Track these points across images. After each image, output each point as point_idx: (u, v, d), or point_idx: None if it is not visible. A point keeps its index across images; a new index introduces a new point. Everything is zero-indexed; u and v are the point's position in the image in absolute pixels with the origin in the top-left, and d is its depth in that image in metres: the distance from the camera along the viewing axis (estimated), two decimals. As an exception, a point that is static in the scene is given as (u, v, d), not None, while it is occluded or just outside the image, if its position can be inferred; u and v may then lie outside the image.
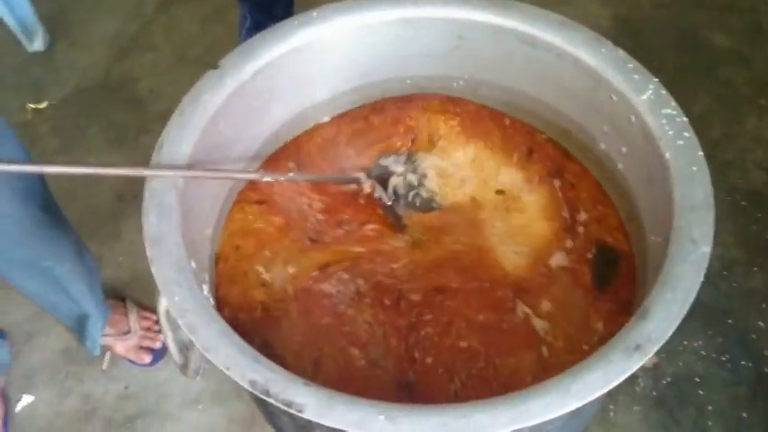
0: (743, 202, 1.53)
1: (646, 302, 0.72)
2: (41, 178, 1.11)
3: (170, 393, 1.38)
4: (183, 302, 0.74)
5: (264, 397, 0.68)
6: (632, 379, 1.31)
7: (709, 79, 1.74)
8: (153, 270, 0.77)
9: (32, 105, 1.82)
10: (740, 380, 1.31)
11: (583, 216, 0.97)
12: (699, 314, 1.38)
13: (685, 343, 1.34)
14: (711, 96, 1.69)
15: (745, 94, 1.72)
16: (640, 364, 0.68)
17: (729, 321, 1.38)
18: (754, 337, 1.36)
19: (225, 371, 0.70)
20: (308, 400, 0.67)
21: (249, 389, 0.68)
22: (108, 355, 1.42)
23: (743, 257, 1.45)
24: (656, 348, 0.68)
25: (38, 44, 1.94)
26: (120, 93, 1.85)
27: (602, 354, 0.69)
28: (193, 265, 0.80)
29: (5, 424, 1.32)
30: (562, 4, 1.87)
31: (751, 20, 1.87)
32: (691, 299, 0.71)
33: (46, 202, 1.11)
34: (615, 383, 0.67)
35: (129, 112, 1.81)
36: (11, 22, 1.88)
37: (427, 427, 0.65)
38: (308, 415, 0.66)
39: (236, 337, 0.73)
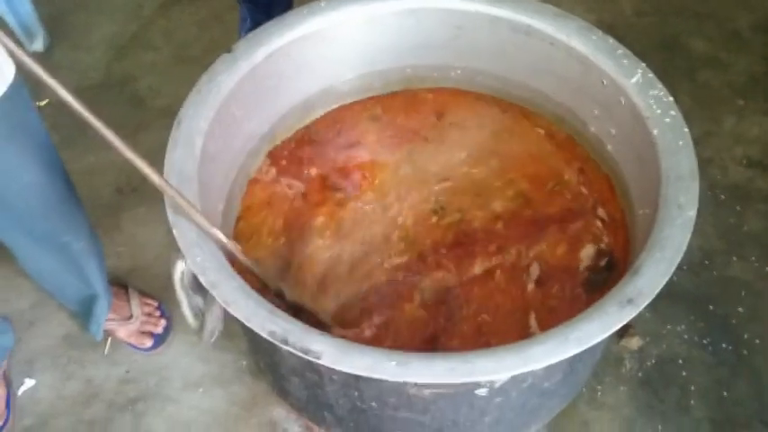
0: (722, 196, 1.60)
1: (637, 261, 0.77)
2: (59, 156, 1.15)
3: (171, 377, 1.41)
4: (205, 261, 0.78)
5: (283, 345, 0.72)
6: (619, 361, 1.37)
7: (689, 82, 1.82)
8: (175, 233, 0.81)
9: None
10: (721, 361, 1.37)
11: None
12: (681, 300, 1.44)
13: (669, 327, 1.40)
14: (692, 98, 1.77)
15: (724, 95, 1.80)
16: (632, 315, 0.73)
17: (710, 307, 1.44)
18: (733, 321, 1.42)
19: (245, 322, 0.74)
20: (324, 348, 0.72)
21: (269, 338, 0.73)
22: (109, 339, 1.45)
23: (723, 248, 1.52)
24: (646, 302, 0.74)
25: (38, 45, 1.98)
26: (119, 91, 1.89)
27: (598, 306, 0.74)
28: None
29: (8, 405, 1.35)
30: (548, 10, 1.95)
31: (728, 27, 1.96)
32: (678, 258, 0.77)
33: (66, 175, 1.15)
34: (610, 332, 0.72)
35: (128, 109, 1.85)
36: (12, 22, 1.91)
37: (436, 371, 0.70)
38: (325, 360, 0.71)
39: (254, 293, 0.77)
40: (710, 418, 1.31)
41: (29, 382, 1.42)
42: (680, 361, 1.37)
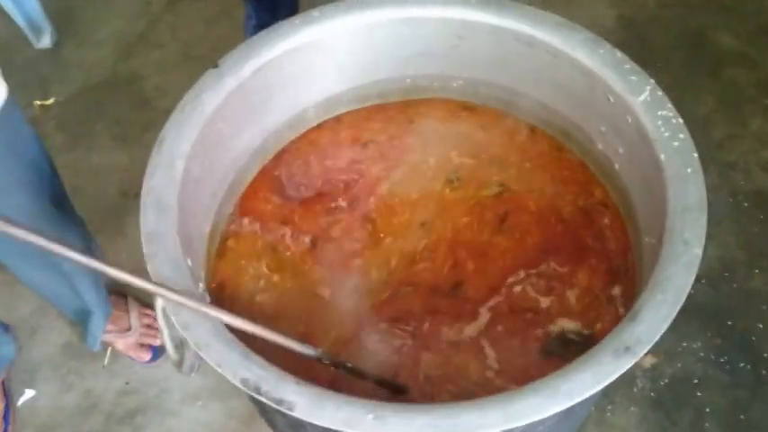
0: (745, 204, 1.52)
1: (636, 304, 0.72)
2: (55, 172, 1.12)
3: (170, 389, 1.39)
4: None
5: (255, 395, 0.69)
6: (630, 380, 1.32)
7: (713, 80, 1.73)
8: (148, 267, 0.78)
9: (39, 102, 1.84)
10: (739, 382, 1.31)
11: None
12: (698, 315, 1.38)
13: (684, 344, 1.34)
14: (715, 97, 1.68)
15: (750, 95, 1.72)
16: (629, 365, 0.68)
17: (729, 323, 1.37)
18: (753, 339, 1.35)
19: (217, 368, 0.70)
20: (298, 399, 0.68)
21: (241, 387, 0.69)
22: (109, 350, 1.43)
23: (744, 259, 1.45)
24: (645, 350, 0.69)
25: (45, 41, 1.95)
26: (126, 90, 1.86)
27: (592, 354, 0.69)
28: (189, 262, 0.81)
29: (6, 417, 1.34)
30: (568, 4, 1.87)
31: (757, 21, 1.86)
32: (681, 301, 0.71)
33: (58, 197, 1.13)
34: (604, 384, 0.67)
35: (134, 109, 1.82)
36: (19, 19, 1.89)
37: (416, 427, 0.65)
38: (298, 413, 0.67)
39: (229, 335, 0.73)
40: (726, 442, 1.26)
41: (29, 393, 1.40)
42: (695, 380, 1.31)
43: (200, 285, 0.84)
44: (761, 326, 1.37)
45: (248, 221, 1.00)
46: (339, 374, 0.84)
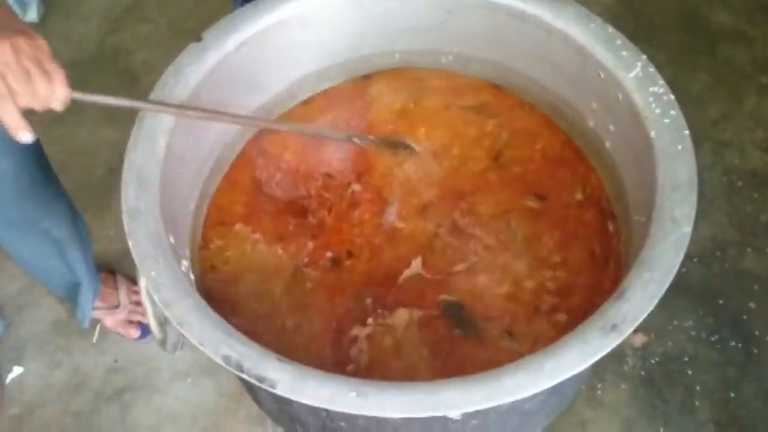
0: (739, 183, 1.51)
1: (624, 282, 0.71)
2: (38, 141, 1.11)
3: (159, 367, 1.38)
4: (159, 277, 0.74)
5: (237, 372, 0.68)
6: (621, 358, 1.32)
7: (709, 57, 1.72)
8: (130, 244, 0.77)
9: (26, 77, 1.81)
10: (729, 360, 1.31)
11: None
12: (689, 294, 1.37)
13: (675, 323, 1.34)
14: (711, 75, 1.67)
15: (746, 72, 1.70)
16: (616, 343, 0.67)
17: (720, 302, 1.37)
18: (744, 317, 1.35)
19: (199, 346, 0.69)
20: (280, 376, 0.67)
21: (223, 364, 0.68)
22: (98, 328, 1.42)
23: (736, 238, 1.44)
24: (631, 328, 0.68)
25: (32, 15, 1.92)
26: (113, 65, 1.84)
27: (579, 333, 0.68)
28: (172, 239, 0.80)
29: (-5, 394, 1.34)
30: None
31: (754, -2, 1.84)
32: (669, 279, 0.70)
33: (43, 162, 1.12)
34: (590, 363, 0.67)
35: (122, 84, 1.80)
36: (5, -8, 1.86)
37: (399, 404, 0.65)
38: (281, 390, 0.66)
39: (211, 312, 0.72)
40: (716, 421, 1.25)
41: (17, 370, 1.40)
42: (685, 359, 1.31)
43: (184, 263, 0.83)
44: (752, 305, 1.36)
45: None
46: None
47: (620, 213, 0.92)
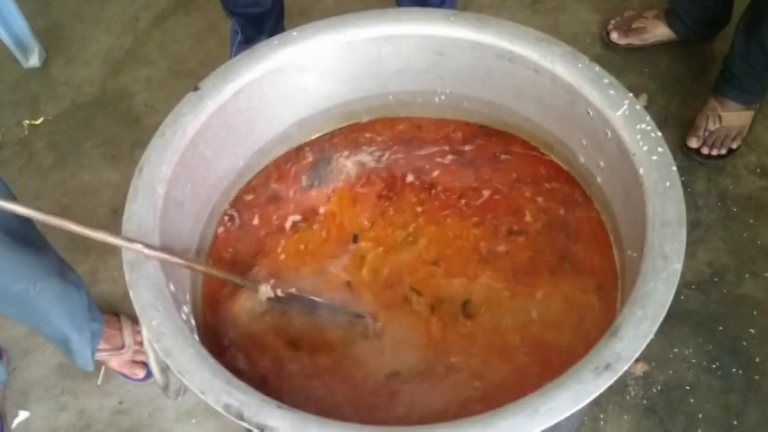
0: (734, 208, 1.52)
1: (617, 320, 0.72)
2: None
3: (164, 408, 1.39)
4: (160, 326, 0.75)
5: (238, 421, 0.69)
6: (622, 387, 1.32)
7: (700, 84, 1.74)
8: (131, 294, 0.78)
9: (29, 121, 1.84)
10: (731, 387, 1.31)
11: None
12: (689, 321, 1.38)
13: (675, 351, 1.34)
14: (703, 102, 1.68)
15: (737, 98, 1.71)
16: (610, 383, 0.68)
17: (720, 328, 1.37)
18: (744, 343, 1.35)
19: (200, 395, 0.71)
20: (280, 424, 0.68)
21: (224, 412, 0.69)
22: (102, 370, 1.43)
23: (734, 264, 1.45)
24: (625, 367, 0.69)
25: (34, 60, 1.95)
26: (115, 107, 1.86)
27: (572, 373, 0.69)
28: (172, 287, 0.81)
29: (1, 440, 1.34)
30: (555, 10, 1.87)
31: (743, 23, 1.86)
32: (661, 315, 0.71)
33: (13, 225, 1.10)
34: (584, 403, 0.67)
35: (124, 126, 1.82)
36: (6, 39, 1.89)
37: (397, 450, 0.66)
38: (281, 438, 0.67)
39: (212, 361, 0.74)
40: (719, 449, 1.26)
41: (23, 414, 1.41)
42: (687, 387, 1.31)
43: (185, 309, 0.84)
44: (752, 330, 1.37)
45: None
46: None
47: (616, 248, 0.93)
